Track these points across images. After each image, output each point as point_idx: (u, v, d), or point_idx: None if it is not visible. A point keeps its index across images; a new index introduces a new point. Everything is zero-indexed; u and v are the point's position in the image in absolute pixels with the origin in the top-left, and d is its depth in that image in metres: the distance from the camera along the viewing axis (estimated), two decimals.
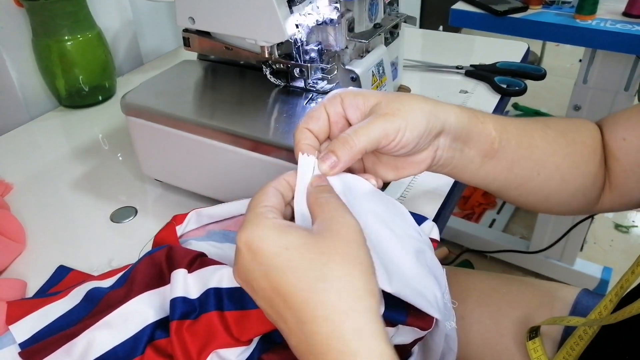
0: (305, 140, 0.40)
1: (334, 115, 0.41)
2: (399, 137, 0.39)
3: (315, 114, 0.41)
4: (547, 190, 0.48)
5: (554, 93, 2.38)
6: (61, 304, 0.47)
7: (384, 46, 0.66)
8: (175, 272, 0.45)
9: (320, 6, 0.56)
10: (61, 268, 0.54)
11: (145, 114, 0.58)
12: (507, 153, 0.46)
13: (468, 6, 1.12)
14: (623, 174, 0.49)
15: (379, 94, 0.41)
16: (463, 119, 0.43)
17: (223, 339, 0.41)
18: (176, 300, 0.43)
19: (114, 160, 0.73)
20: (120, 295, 0.46)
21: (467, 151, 0.45)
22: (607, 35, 0.97)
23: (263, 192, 0.37)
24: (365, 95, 0.41)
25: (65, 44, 0.81)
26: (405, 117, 0.39)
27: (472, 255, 1.63)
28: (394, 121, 0.39)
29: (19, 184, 0.69)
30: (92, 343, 0.42)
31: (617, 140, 0.48)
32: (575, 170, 0.48)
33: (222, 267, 0.45)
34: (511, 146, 0.46)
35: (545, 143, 0.47)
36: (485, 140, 0.45)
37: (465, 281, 0.68)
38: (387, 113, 0.39)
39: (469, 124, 0.43)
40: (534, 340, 0.59)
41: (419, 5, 1.87)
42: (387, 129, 0.39)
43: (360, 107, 0.41)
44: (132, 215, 0.62)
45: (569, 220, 1.36)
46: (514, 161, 0.46)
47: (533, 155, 0.47)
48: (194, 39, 0.64)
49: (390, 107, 0.40)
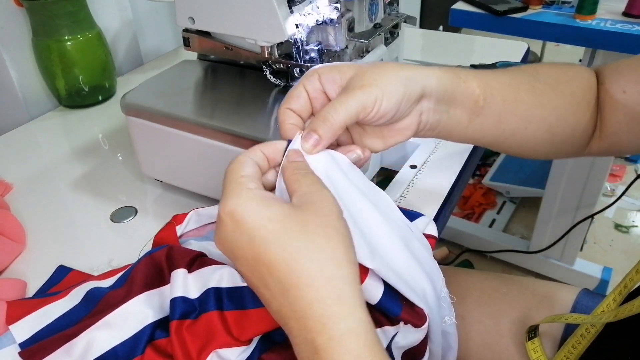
0: (289, 121, 0.41)
1: (313, 92, 0.42)
2: (376, 107, 0.39)
3: (295, 93, 0.41)
4: (535, 141, 0.49)
5: None
6: (61, 304, 0.47)
7: (384, 46, 0.66)
8: (175, 272, 0.45)
9: (320, 6, 0.56)
10: (61, 268, 0.54)
11: (145, 114, 0.58)
12: (493, 109, 0.46)
13: (468, 6, 1.12)
14: (617, 125, 0.49)
15: (355, 66, 0.42)
16: (444, 80, 0.43)
17: (223, 338, 0.41)
18: (176, 300, 0.43)
19: (114, 160, 0.73)
20: (120, 295, 0.46)
21: (453, 112, 0.45)
22: (607, 35, 0.97)
23: (239, 162, 0.37)
24: (341, 68, 0.41)
25: (65, 43, 0.81)
26: (381, 87, 0.39)
27: (472, 255, 1.63)
28: (370, 92, 0.39)
29: (19, 183, 0.69)
30: (92, 343, 0.42)
31: (617, 91, 0.48)
32: (562, 121, 0.48)
33: (222, 267, 0.45)
34: (496, 102, 0.46)
35: (531, 96, 0.47)
36: (469, 98, 0.45)
37: (465, 281, 0.68)
38: (363, 85, 0.40)
39: (452, 85, 0.43)
40: (533, 341, 0.58)
41: (419, 5, 1.87)
42: (364, 101, 0.39)
43: (337, 81, 0.41)
44: (132, 215, 0.62)
45: (569, 220, 1.36)
46: (501, 116, 0.46)
47: (518, 109, 0.46)
48: (194, 39, 0.64)
49: (366, 78, 0.40)
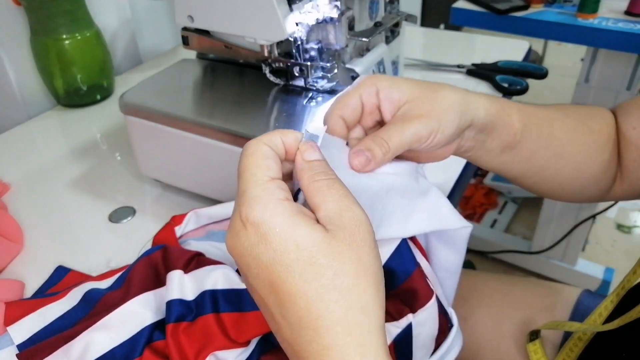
0: (338, 130, 0.39)
1: (369, 106, 0.40)
2: (430, 139, 0.39)
3: (351, 102, 0.40)
4: (561, 178, 0.49)
5: (556, 92, 2.37)
6: (59, 305, 0.47)
7: (384, 45, 0.66)
8: (170, 273, 0.44)
9: (321, 4, 0.55)
10: (60, 268, 0.54)
11: (143, 113, 0.58)
12: (527, 144, 0.46)
13: (469, 4, 1.12)
14: (633, 162, 0.49)
15: (413, 88, 0.40)
16: (491, 112, 0.43)
17: (220, 341, 0.41)
18: (172, 302, 0.43)
19: (113, 159, 0.73)
20: (117, 297, 0.45)
21: (489, 142, 0.45)
22: (609, 34, 0.97)
23: (262, 154, 0.31)
24: (401, 89, 0.40)
25: (63, 42, 0.80)
26: (438, 119, 0.39)
27: (474, 255, 1.63)
28: (427, 124, 0.38)
29: (17, 183, 0.68)
30: (90, 345, 0.41)
31: (627, 128, 0.49)
32: (588, 159, 0.48)
33: (217, 268, 0.45)
34: (532, 137, 0.46)
35: (563, 133, 0.47)
36: (508, 132, 0.45)
37: (467, 282, 0.67)
38: (421, 115, 0.39)
39: (496, 117, 0.43)
40: (534, 342, 0.58)
41: (420, 4, 1.86)
42: (421, 133, 0.38)
43: (394, 102, 0.40)
44: (130, 215, 0.62)
45: (570, 220, 1.35)
46: (533, 152, 0.46)
47: (551, 145, 0.47)
48: (193, 37, 0.63)
49: (424, 107, 0.39)
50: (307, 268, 0.28)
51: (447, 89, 0.41)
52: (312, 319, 0.28)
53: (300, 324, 0.28)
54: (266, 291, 0.29)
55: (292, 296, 0.28)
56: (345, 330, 0.28)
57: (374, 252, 0.30)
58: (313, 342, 0.28)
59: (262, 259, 0.29)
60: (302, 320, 0.28)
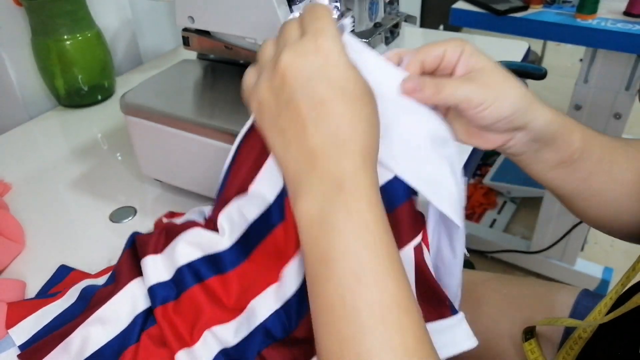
0: (413, 71, 0.41)
1: (447, 62, 0.42)
2: (480, 107, 0.39)
3: (435, 52, 0.41)
4: (618, 206, 0.48)
5: (555, 92, 2.37)
6: (58, 304, 0.47)
7: (384, 45, 0.66)
8: (142, 260, 0.46)
9: None
10: (62, 268, 0.54)
11: (144, 113, 0.58)
12: (586, 165, 0.45)
13: (469, 5, 1.12)
14: None
15: (490, 62, 0.41)
16: (553, 126, 0.43)
17: (212, 311, 0.42)
18: (152, 288, 0.44)
19: (113, 160, 0.73)
20: (109, 290, 0.46)
21: (544, 153, 0.45)
22: (608, 34, 0.97)
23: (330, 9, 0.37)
24: (480, 58, 0.41)
25: (64, 43, 0.81)
26: (495, 96, 0.40)
27: (473, 255, 1.63)
28: (484, 92, 0.39)
29: (18, 183, 0.69)
30: (88, 338, 0.42)
31: None
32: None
33: (180, 240, 0.45)
34: (592, 160, 0.45)
35: (624, 159, 0.47)
36: (566, 149, 0.44)
37: (466, 282, 0.67)
38: (483, 83, 0.40)
39: (557, 131, 0.43)
40: (530, 342, 0.58)
41: (419, 5, 1.86)
42: (472, 97, 0.39)
43: (469, 66, 0.41)
44: (131, 215, 0.62)
45: (569, 220, 1.35)
46: (591, 173, 0.46)
47: (612, 170, 0.46)
48: (193, 38, 0.63)
49: (490, 80, 0.40)
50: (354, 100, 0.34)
51: (520, 84, 0.42)
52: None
53: (330, 134, 0.33)
54: (312, 103, 0.33)
55: (332, 114, 0.33)
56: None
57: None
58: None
59: (323, 79, 0.33)
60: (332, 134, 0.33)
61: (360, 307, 0.30)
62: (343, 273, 0.30)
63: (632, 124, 1.81)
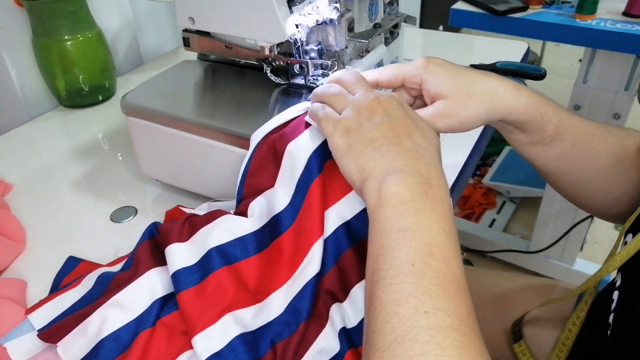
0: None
1: (411, 85, 0.47)
2: (449, 131, 0.45)
3: (393, 80, 0.47)
4: (592, 186, 0.51)
5: (554, 93, 2.37)
6: (75, 292, 0.49)
7: (384, 46, 0.67)
8: (167, 248, 0.46)
9: (320, 6, 0.56)
10: (71, 258, 0.55)
11: (145, 114, 0.58)
12: (557, 148, 0.49)
13: (468, 6, 1.12)
14: None
15: (451, 90, 0.45)
16: (527, 115, 0.46)
17: (235, 291, 0.44)
18: (177, 272, 0.45)
19: (114, 160, 0.73)
20: (128, 275, 0.47)
21: (516, 134, 0.49)
22: (607, 35, 0.97)
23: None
24: (439, 87, 0.45)
25: (65, 43, 0.81)
26: (462, 122, 0.44)
27: (472, 255, 1.63)
28: (447, 124, 0.45)
29: (19, 183, 0.69)
30: (105, 320, 0.43)
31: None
32: (622, 175, 0.50)
33: (215, 226, 0.47)
34: (565, 144, 0.49)
35: (602, 146, 0.49)
36: (538, 133, 0.48)
37: (467, 279, 0.67)
38: (446, 114, 0.44)
39: (531, 120, 0.47)
40: (519, 343, 0.59)
41: (418, 5, 1.87)
42: (439, 127, 0.45)
43: (430, 97, 0.46)
44: (132, 215, 0.62)
45: (569, 220, 1.36)
46: (563, 155, 0.49)
47: (585, 155, 0.49)
48: (193, 39, 0.63)
49: (454, 109, 0.44)
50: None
51: (487, 92, 0.45)
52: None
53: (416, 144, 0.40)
54: (399, 124, 0.41)
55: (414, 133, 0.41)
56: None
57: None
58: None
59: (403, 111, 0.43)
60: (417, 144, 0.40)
61: (426, 272, 0.34)
62: (419, 244, 0.35)
63: (632, 124, 1.81)
